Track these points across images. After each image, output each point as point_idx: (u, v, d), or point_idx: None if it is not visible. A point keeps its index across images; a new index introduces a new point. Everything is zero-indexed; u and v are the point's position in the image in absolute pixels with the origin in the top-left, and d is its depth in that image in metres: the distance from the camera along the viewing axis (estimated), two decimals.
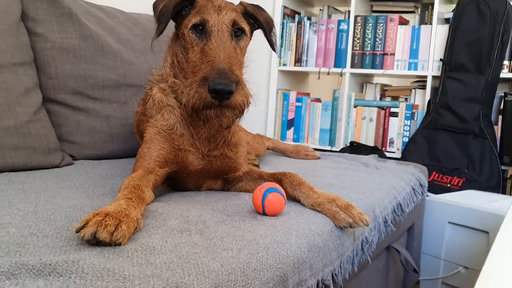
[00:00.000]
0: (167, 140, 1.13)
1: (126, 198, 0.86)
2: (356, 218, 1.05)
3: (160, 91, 1.19)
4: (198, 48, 1.06)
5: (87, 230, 0.72)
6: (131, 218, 0.79)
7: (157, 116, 1.16)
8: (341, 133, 2.96)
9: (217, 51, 1.01)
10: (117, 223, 0.75)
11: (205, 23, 1.06)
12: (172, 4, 1.09)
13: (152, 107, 1.18)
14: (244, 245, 0.81)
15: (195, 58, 1.05)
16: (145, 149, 1.14)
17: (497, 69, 2.47)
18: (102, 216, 0.75)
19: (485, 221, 1.89)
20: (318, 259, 0.98)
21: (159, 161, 1.12)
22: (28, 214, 0.89)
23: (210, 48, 1.03)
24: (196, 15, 1.09)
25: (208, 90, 0.95)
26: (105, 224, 0.73)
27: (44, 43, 1.50)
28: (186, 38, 1.09)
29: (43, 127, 1.39)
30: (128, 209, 0.81)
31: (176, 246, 0.75)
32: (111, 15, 1.75)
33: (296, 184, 1.14)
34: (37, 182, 1.17)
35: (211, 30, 1.06)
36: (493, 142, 2.45)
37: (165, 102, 1.16)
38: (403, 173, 1.75)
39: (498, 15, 2.43)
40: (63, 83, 1.52)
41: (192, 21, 1.08)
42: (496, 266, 0.86)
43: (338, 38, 2.97)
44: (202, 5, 1.11)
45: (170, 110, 1.15)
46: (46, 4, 1.52)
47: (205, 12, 1.08)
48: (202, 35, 1.07)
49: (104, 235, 0.72)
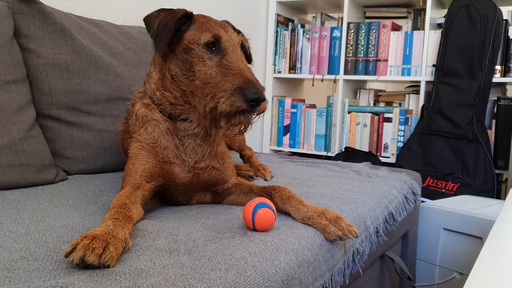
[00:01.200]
0: (151, 154, 1.15)
1: (113, 219, 0.88)
2: (346, 231, 1.07)
3: (143, 106, 1.20)
4: (212, 62, 1.08)
5: (75, 255, 0.73)
6: (119, 239, 0.80)
7: (140, 130, 1.18)
8: (336, 138, 2.98)
9: (239, 65, 1.07)
10: (105, 245, 0.76)
11: (219, 39, 1.10)
12: (172, 22, 1.10)
13: (135, 123, 1.20)
14: (232, 264, 0.82)
15: (210, 71, 1.08)
16: (130, 165, 1.15)
17: (489, 74, 2.49)
18: (89, 239, 0.76)
19: (479, 227, 1.90)
20: (308, 274, 1.00)
21: (145, 176, 1.13)
22: (20, 235, 0.90)
23: (231, 62, 1.07)
24: (203, 31, 1.11)
25: (246, 99, 1.00)
26: (92, 248, 0.74)
27: (37, 59, 1.52)
28: (194, 53, 1.10)
29: (36, 144, 1.40)
30: (115, 230, 0.83)
31: (164, 268, 0.76)
32: (103, 29, 1.76)
33: (286, 198, 1.15)
34: (30, 200, 1.18)
35: (226, 46, 1.10)
36: (487, 147, 2.46)
37: (149, 116, 1.18)
38: (395, 181, 1.76)
39: (489, 21, 2.45)
40: (57, 99, 1.53)
41: (202, 38, 1.10)
42: (484, 272, 0.87)
43: (332, 45, 2.99)
44: (203, 22, 1.13)
45: (154, 124, 1.17)
46: (38, 21, 1.53)
47: (214, 29, 1.11)
48: (216, 51, 1.10)
49: (92, 258, 0.73)
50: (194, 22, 1.14)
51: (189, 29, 1.13)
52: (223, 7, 2.79)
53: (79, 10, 1.91)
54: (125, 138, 1.27)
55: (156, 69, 1.20)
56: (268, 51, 3.18)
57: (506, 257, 0.99)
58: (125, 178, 1.14)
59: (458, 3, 2.55)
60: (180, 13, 1.11)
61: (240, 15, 2.95)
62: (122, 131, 1.33)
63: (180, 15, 1.11)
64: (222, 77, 1.05)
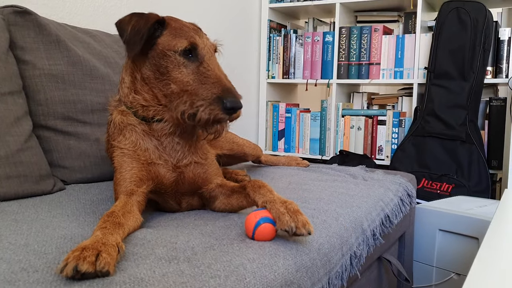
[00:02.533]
0: (134, 159, 1.16)
1: (101, 228, 0.88)
2: (300, 224, 0.98)
3: (119, 113, 1.21)
4: (189, 70, 1.09)
5: (68, 267, 0.73)
6: (109, 245, 0.81)
7: (119, 137, 1.19)
8: (330, 142, 3.00)
9: (217, 73, 1.08)
10: (96, 253, 0.76)
11: (195, 47, 1.11)
12: (145, 27, 1.09)
13: (114, 131, 1.21)
14: (231, 271, 0.83)
15: (186, 79, 1.09)
16: (117, 175, 1.16)
17: (480, 75, 2.52)
18: (79, 251, 0.76)
19: (474, 227, 1.92)
20: (306, 278, 1.01)
21: (135, 180, 1.14)
22: (20, 247, 0.91)
23: (209, 70, 1.08)
24: (179, 38, 1.11)
25: (225, 107, 1.03)
26: (83, 257, 0.74)
27: (33, 70, 1.52)
28: (170, 59, 1.11)
29: (34, 154, 1.41)
30: (104, 238, 0.83)
31: (163, 276, 0.77)
32: (98, 38, 1.77)
33: (257, 187, 1.11)
34: (29, 211, 1.19)
35: (203, 53, 1.11)
36: (480, 147, 2.48)
37: (125, 122, 1.19)
38: (391, 184, 1.78)
39: (479, 23, 2.48)
40: (53, 109, 1.54)
41: (178, 45, 1.10)
42: (482, 272, 0.88)
43: (324, 50, 3.01)
44: (177, 27, 1.13)
45: (131, 129, 1.18)
46: (33, 32, 1.54)
47: (189, 36, 1.12)
48: (192, 58, 1.10)
49: (85, 266, 0.73)
50: (166, 27, 1.14)
51: (162, 34, 1.13)
52: (216, 13, 2.81)
53: (74, 21, 1.92)
54: (108, 148, 1.28)
55: (128, 73, 1.20)
56: (262, 57, 3.20)
57: (503, 257, 1.00)
58: (116, 189, 1.15)
59: (448, 6, 2.58)
60: (153, 18, 1.11)
61: (233, 21, 2.97)
62: (106, 141, 1.33)
63: (153, 20, 1.11)
64: (200, 84, 1.06)
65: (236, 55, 3.02)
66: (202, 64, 1.10)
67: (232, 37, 2.98)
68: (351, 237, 1.28)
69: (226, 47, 2.92)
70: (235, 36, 3.00)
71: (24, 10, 1.53)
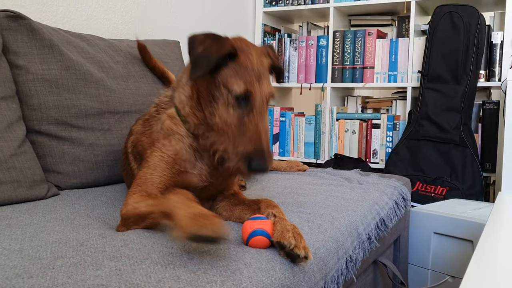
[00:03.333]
0: (169, 166, 1.17)
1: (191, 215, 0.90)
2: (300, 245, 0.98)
3: (169, 118, 1.20)
4: (235, 113, 1.07)
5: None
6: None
7: (164, 141, 1.18)
8: (325, 146, 3.00)
9: (259, 127, 1.06)
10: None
11: (250, 95, 1.07)
12: (216, 55, 1.05)
13: (159, 131, 1.20)
14: (228, 276, 0.83)
15: (230, 120, 1.07)
16: (147, 174, 1.16)
17: (473, 78, 2.53)
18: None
19: (469, 230, 1.93)
20: (303, 283, 1.00)
21: (161, 188, 1.15)
22: (14, 252, 0.90)
23: (252, 122, 1.06)
24: (238, 80, 1.07)
25: (251, 168, 1.03)
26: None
27: (26, 75, 1.52)
28: (223, 95, 1.08)
29: (27, 160, 1.40)
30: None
31: (159, 282, 0.77)
32: (91, 43, 1.77)
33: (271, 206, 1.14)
34: (23, 216, 1.18)
35: (254, 103, 1.07)
36: (474, 150, 2.50)
37: (174, 130, 1.19)
38: (386, 187, 1.78)
39: (472, 27, 2.50)
40: (47, 114, 1.53)
41: (235, 88, 1.06)
42: (477, 275, 0.88)
43: (318, 54, 3.02)
44: (242, 65, 1.08)
45: (179, 138, 1.18)
46: (26, 36, 1.53)
47: (248, 80, 1.07)
48: (243, 104, 1.07)
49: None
50: (235, 59, 1.08)
51: (227, 65, 1.08)
52: (211, 18, 2.81)
53: (67, 25, 1.92)
54: (141, 140, 1.27)
55: (189, 84, 1.18)
56: None
57: (498, 260, 1.01)
58: (139, 185, 1.15)
59: (441, 10, 2.60)
60: (226, 48, 1.06)
61: (227, 25, 2.97)
62: (138, 131, 1.32)
63: (226, 51, 1.06)
64: (239, 133, 1.06)
65: None
66: (249, 114, 1.06)
67: None
68: (347, 241, 1.28)
69: None
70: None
71: (17, 14, 1.52)
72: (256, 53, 1.12)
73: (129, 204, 1.08)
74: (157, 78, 1.95)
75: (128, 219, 1.08)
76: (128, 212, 1.07)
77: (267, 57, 1.17)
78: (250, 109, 1.07)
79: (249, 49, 1.11)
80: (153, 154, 1.19)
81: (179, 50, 2.21)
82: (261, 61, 1.12)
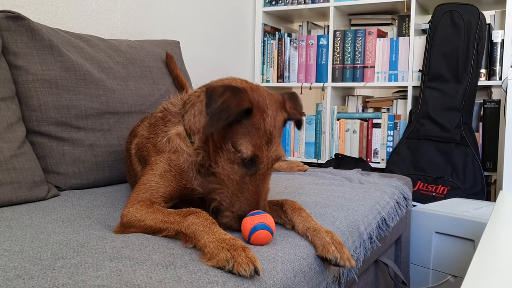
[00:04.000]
0: (176, 179, 1.16)
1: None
2: (344, 257, 1.05)
3: (178, 137, 1.19)
4: (239, 171, 1.06)
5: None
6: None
7: (172, 156, 1.17)
8: (326, 145, 3.00)
9: (259, 190, 1.07)
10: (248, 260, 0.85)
11: (256, 159, 1.06)
12: (235, 110, 1.02)
13: (165, 144, 1.19)
14: (229, 277, 0.82)
15: (233, 176, 1.06)
16: (152, 182, 1.15)
17: (474, 77, 2.53)
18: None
19: (470, 229, 1.92)
20: (304, 283, 1.00)
21: (165, 197, 1.15)
22: (14, 254, 0.90)
23: (253, 184, 1.06)
24: (248, 142, 1.05)
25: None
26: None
27: (26, 76, 1.51)
28: (230, 152, 1.06)
29: (27, 160, 1.40)
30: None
31: (160, 282, 0.76)
32: (91, 43, 1.76)
33: (297, 209, 1.16)
34: (23, 217, 1.17)
35: (260, 167, 1.07)
36: (475, 149, 2.49)
37: (183, 149, 1.17)
38: (387, 187, 1.78)
39: (472, 26, 2.50)
40: (46, 115, 1.53)
41: (243, 149, 1.04)
42: (479, 274, 0.88)
43: (319, 53, 3.02)
44: (255, 125, 1.06)
45: (186, 159, 1.17)
46: (26, 37, 1.53)
47: (257, 144, 1.06)
48: (248, 165, 1.06)
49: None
50: (249, 116, 1.05)
51: (240, 122, 1.05)
52: (210, 18, 2.81)
53: (67, 26, 1.91)
54: (146, 146, 1.26)
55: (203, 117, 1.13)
56: (256, 61, 3.20)
57: (500, 259, 1.00)
58: (143, 192, 1.14)
59: (441, 9, 2.59)
60: (245, 104, 1.03)
61: (227, 25, 2.97)
62: (143, 136, 1.30)
63: (244, 107, 1.03)
64: (238, 190, 1.06)
65: (230, 59, 3.01)
66: (252, 176, 1.06)
67: (227, 41, 2.97)
68: (348, 241, 1.28)
69: (220, 51, 2.92)
70: (229, 40, 3.00)
71: (17, 15, 1.52)
72: (272, 110, 1.09)
73: (132, 214, 1.07)
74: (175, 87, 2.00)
75: (129, 228, 1.07)
76: (131, 222, 1.06)
77: (283, 111, 1.13)
78: (254, 171, 1.06)
79: (265, 106, 1.08)
80: (159, 163, 1.18)
81: (179, 50, 2.21)
82: (275, 120, 1.09)
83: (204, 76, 2.75)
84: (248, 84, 1.14)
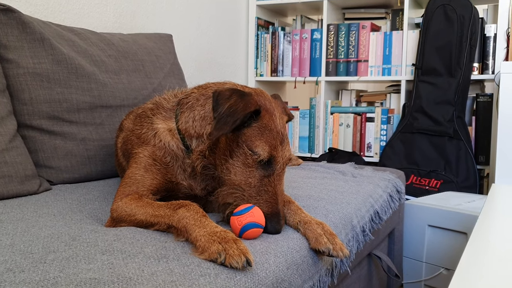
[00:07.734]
0: (161, 173, 1.15)
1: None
2: (337, 247, 1.06)
3: (169, 133, 1.16)
4: (256, 174, 1.05)
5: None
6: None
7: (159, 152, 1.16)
8: (319, 140, 3.00)
9: (276, 191, 1.06)
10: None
11: (273, 160, 1.06)
12: (241, 113, 1.01)
13: (151, 137, 1.17)
14: (221, 269, 0.82)
15: (249, 181, 1.05)
16: (137, 176, 1.14)
17: (467, 71, 2.53)
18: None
19: (463, 222, 1.93)
20: (297, 276, 1.00)
21: (152, 190, 1.15)
22: (5, 247, 0.89)
23: (271, 185, 1.06)
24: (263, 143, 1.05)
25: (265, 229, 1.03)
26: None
27: (17, 69, 1.50)
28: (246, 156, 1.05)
29: (19, 154, 1.38)
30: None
31: (152, 275, 0.76)
32: (83, 36, 1.75)
33: (286, 202, 1.15)
34: (14, 211, 1.17)
35: (276, 168, 1.06)
36: (468, 143, 2.50)
37: (174, 149, 1.15)
38: (380, 180, 1.78)
39: (465, 20, 2.50)
40: (38, 108, 1.52)
41: (259, 151, 1.04)
42: (470, 266, 0.88)
43: (312, 47, 3.01)
44: (266, 126, 1.06)
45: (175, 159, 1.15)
46: (17, 30, 1.51)
47: (273, 144, 1.05)
48: (265, 167, 1.06)
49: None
50: (259, 118, 1.06)
51: (251, 125, 1.05)
52: (204, 12, 2.79)
53: (58, 19, 1.89)
54: (131, 139, 1.25)
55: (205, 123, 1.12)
56: (250, 55, 3.19)
57: (490, 251, 1.01)
58: (129, 185, 1.14)
59: (434, 3, 2.59)
60: (252, 106, 1.03)
61: (220, 19, 2.96)
62: (128, 129, 1.29)
63: (251, 109, 1.03)
64: (257, 194, 1.05)
65: (224, 53, 3.00)
66: (269, 176, 1.06)
67: (220, 35, 2.96)
68: (341, 234, 1.28)
69: (214, 45, 2.90)
70: (222, 34, 2.98)
71: (7, 7, 1.50)
72: (278, 112, 1.11)
73: (122, 209, 1.07)
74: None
75: (119, 222, 1.07)
76: (121, 217, 1.06)
77: (284, 114, 1.17)
78: (271, 172, 1.06)
79: (272, 108, 1.09)
80: (143, 156, 1.16)
81: (171, 43, 2.19)
82: (283, 121, 1.12)
83: (197, 70, 2.74)
84: (251, 88, 1.14)
